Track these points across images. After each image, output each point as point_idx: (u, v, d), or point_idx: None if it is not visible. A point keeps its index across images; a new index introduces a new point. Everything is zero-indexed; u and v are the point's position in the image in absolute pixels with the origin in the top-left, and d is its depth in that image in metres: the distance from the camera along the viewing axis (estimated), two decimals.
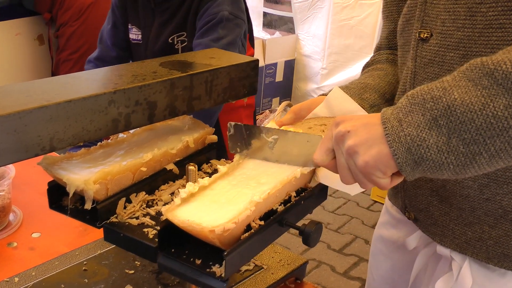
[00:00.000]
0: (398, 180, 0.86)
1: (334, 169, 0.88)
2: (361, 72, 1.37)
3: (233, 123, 1.00)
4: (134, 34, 2.13)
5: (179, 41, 2.01)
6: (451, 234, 1.14)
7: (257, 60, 1.15)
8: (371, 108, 1.17)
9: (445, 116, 0.79)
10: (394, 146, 0.80)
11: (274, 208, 0.87)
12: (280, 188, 0.86)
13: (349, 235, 3.52)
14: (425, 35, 1.08)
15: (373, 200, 3.99)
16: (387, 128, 0.81)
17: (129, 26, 2.14)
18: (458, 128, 0.79)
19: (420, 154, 0.80)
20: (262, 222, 0.82)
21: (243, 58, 1.13)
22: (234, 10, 1.96)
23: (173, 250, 0.83)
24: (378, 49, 1.38)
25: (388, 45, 1.34)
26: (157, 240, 0.84)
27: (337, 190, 4.06)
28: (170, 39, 2.02)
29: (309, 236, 0.84)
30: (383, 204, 3.88)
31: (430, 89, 0.82)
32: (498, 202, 1.06)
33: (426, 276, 1.27)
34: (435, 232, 1.18)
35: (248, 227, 0.81)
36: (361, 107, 1.15)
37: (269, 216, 0.85)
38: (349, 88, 1.20)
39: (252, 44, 2.24)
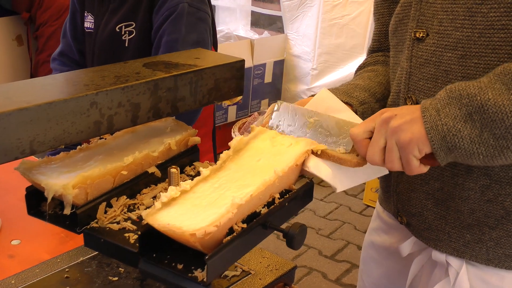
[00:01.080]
0: (425, 168, 0.97)
1: (363, 148, 0.98)
2: (354, 75, 1.39)
3: (281, 101, 1.13)
4: (89, 22, 2.05)
5: (127, 32, 1.92)
6: (447, 238, 1.16)
7: (243, 60, 1.16)
8: (361, 105, 1.19)
9: (479, 113, 0.90)
10: (432, 133, 0.93)
11: (258, 210, 0.89)
12: (263, 189, 0.88)
13: (341, 241, 3.54)
14: (421, 35, 1.10)
15: (365, 205, 4.00)
16: (425, 117, 0.93)
17: (85, 14, 2.06)
18: (489, 124, 0.90)
19: (454, 143, 0.92)
20: (244, 225, 0.84)
21: (228, 59, 1.15)
22: (194, 1, 1.86)
23: (154, 255, 0.84)
24: (370, 51, 1.40)
25: (380, 48, 1.36)
26: (138, 245, 0.85)
27: (329, 195, 4.08)
28: (117, 27, 1.93)
29: (293, 238, 0.86)
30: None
31: (467, 86, 0.93)
32: (500, 203, 1.08)
33: (421, 283, 1.28)
34: (429, 237, 1.19)
35: (231, 230, 0.82)
36: (350, 104, 1.17)
37: (252, 218, 0.86)
38: (338, 89, 1.22)
39: (215, 44, 2.12)
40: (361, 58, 4.38)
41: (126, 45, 1.93)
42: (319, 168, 1.01)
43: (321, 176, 1.00)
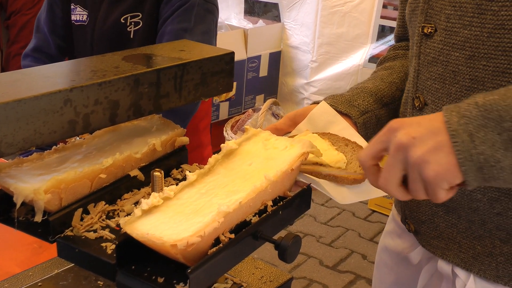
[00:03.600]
0: (452, 193, 0.89)
1: (373, 176, 0.92)
2: (375, 67, 1.40)
3: None
4: (78, 14, 2.12)
5: (132, 23, 2.02)
6: (457, 248, 1.17)
7: (233, 53, 1.17)
8: (362, 115, 1.19)
9: None
10: (466, 165, 0.84)
11: (248, 219, 0.89)
12: (254, 196, 0.87)
13: (344, 250, 3.55)
14: (429, 30, 1.10)
15: (371, 210, 4.01)
16: (457, 144, 0.84)
17: (72, 6, 2.13)
18: None
19: (492, 174, 0.84)
20: (232, 235, 0.84)
21: (216, 51, 1.15)
22: None
23: (133, 267, 0.84)
24: (396, 38, 1.42)
25: (405, 34, 1.36)
26: (115, 256, 0.85)
27: (331, 199, 4.09)
28: (122, 19, 2.02)
29: (286, 251, 0.86)
30: (382, 214, 3.93)
31: (509, 106, 0.84)
32: (511, 218, 1.08)
33: None
34: (438, 245, 1.20)
35: (217, 241, 0.82)
36: (350, 115, 1.18)
37: (241, 228, 0.86)
38: (342, 96, 1.22)
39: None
40: (366, 49, 4.40)
41: (131, 36, 2.03)
42: (314, 181, 1.02)
43: (319, 188, 1.01)
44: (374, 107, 1.22)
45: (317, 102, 1.21)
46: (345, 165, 1.06)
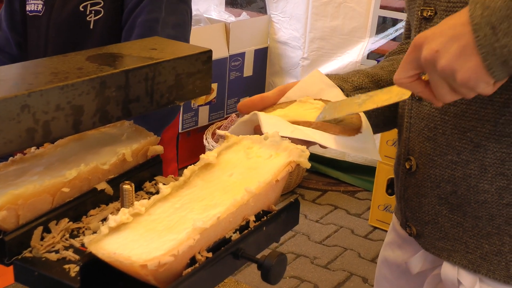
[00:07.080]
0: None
1: (422, 89, 1.00)
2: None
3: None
4: (33, 4, 2.12)
5: (93, 12, 2.02)
6: (463, 248, 1.21)
7: (210, 51, 1.18)
8: (354, 90, 1.25)
9: None
10: (489, 59, 0.89)
11: (228, 236, 0.90)
12: (234, 211, 0.89)
13: (342, 272, 3.56)
14: (429, 14, 1.13)
15: (372, 226, 4.02)
16: (479, 38, 0.89)
17: None
18: None
19: None
20: (210, 254, 0.85)
21: (192, 49, 1.16)
22: None
23: None
24: (404, 37, 1.45)
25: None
26: (79, 278, 0.86)
27: (326, 215, 4.11)
28: (81, 6, 2.02)
29: (269, 271, 0.87)
30: (384, 231, 3.94)
31: None
32: None
33: None
34: (443, 248, 1.24)
35: (193, 261, 0.83)
36: (342, 88, 1.23)
37: (220, 246, 0.87)
38: (337, 75, 1.28)
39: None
40: (363, 44, 4.42)
41: (91, 27, 2.03)
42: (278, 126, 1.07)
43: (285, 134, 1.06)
44: (369, 86, 1.27)
45: None
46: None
